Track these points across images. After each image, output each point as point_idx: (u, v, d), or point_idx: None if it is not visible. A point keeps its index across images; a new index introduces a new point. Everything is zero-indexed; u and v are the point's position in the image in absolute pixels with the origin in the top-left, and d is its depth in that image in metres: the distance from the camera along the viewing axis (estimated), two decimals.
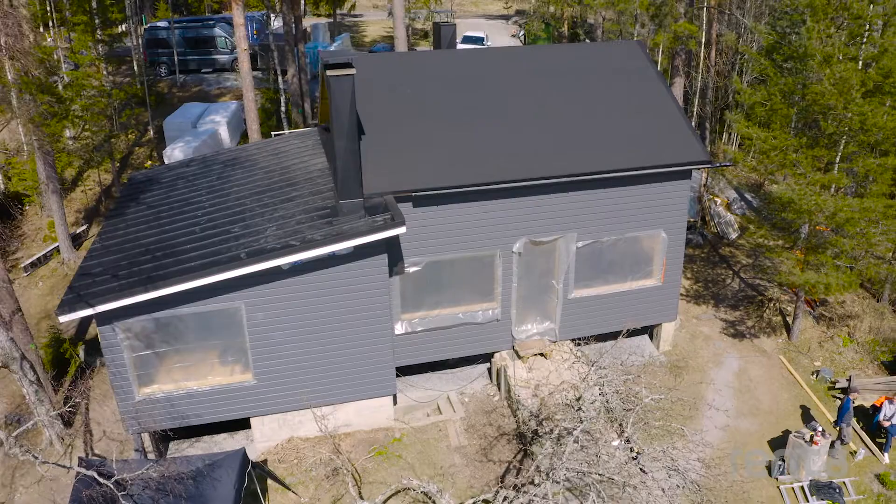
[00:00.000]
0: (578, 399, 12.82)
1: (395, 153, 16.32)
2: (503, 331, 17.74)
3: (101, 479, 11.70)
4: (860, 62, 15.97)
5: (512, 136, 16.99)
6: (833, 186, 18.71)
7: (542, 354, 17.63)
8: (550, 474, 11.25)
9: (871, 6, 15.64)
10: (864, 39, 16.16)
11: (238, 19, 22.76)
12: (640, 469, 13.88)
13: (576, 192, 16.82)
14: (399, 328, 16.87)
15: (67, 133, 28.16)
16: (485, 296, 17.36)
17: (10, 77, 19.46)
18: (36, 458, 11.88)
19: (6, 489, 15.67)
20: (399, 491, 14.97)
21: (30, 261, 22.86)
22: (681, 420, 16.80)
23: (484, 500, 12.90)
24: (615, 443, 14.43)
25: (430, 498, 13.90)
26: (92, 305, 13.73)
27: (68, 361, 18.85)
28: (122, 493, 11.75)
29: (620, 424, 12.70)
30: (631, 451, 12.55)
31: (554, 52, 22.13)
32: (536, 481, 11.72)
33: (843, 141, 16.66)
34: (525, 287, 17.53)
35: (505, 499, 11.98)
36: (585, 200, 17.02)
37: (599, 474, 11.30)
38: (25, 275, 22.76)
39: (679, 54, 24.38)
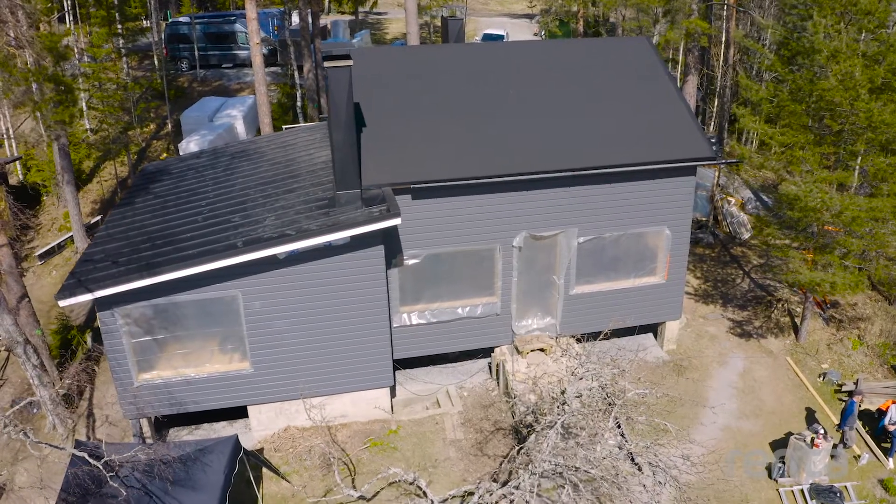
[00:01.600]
0: (563, 392, 12.74)
1: (395, 146, 16.36)
2: (503, 325, 17.69)
3: (90, 460, 11.88)
4: (870, 59, 15.62)
5: (514, 130, 16.93)
6: (853, 186, 18.37)
7: (541, 350, 17.55)
8: (529, 467, 11.19)
9: (881, 1, 15.31)
10: (874, 35, 15.82)
11: (250, 14, 22.98)
12: (635, 465, 13.76)
13: (577, 187, 16.71)
14: (398, 321, 16.91)
15: (86, 124, 28.76)
16: (485, 290, 17.33)
17: (29, 65, 19.85)
18: (27, 436, 12.10)
19: (8, 471, 15.98)
20: (392, 482, 15.00)
21: (44, 249, 23.32)
22: (677, 418, 16.64)
23: (467, 493, 12.87)
24: (612, 441, 14.34)
25: (421, 490, 13.89)
26: (91, 290, 13.97)
27: (76, 348, 19.18)
28: (111, 474, 11.91)
29: (604, 418, 12.58)
30: (620, 448, 12.42)
31: (561, 47, 22.03)
32: (520, 474, 11.68)
33: (851, 139, 16.34)
34: (525, 282, 17.46)
35: (487, 491, 11.94)
36: (587, 195, 16.90)
37: (576, 467, 11.21)
38: (40, 263, 23.23)
39: (692, 51, 24.10)
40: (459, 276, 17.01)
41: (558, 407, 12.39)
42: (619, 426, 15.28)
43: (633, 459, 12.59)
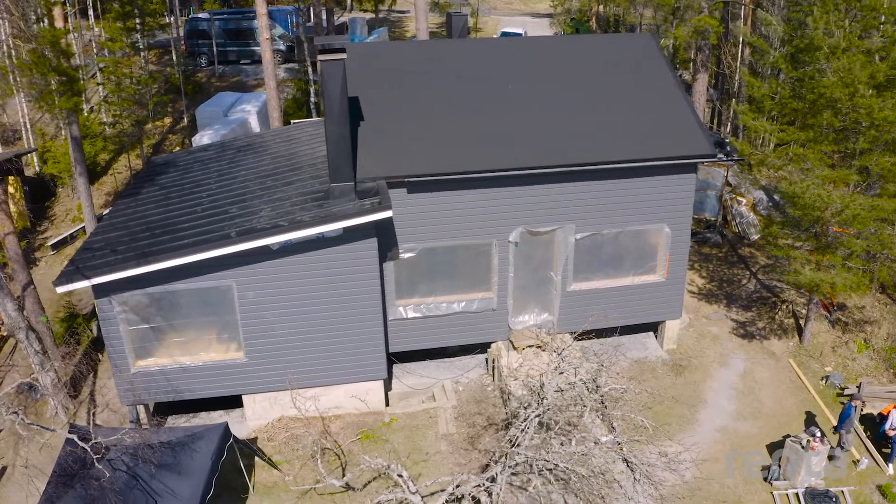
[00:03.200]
0: (542, 387, 12.71)
1: (393, 139, 16.43)
2: (499, 321, 17.67)
3: (78, 442, 12.12)
4: (875, 56, 15.33)
5: (512, 125, 16.91)
6: (862, 185, 18.07)
7: (537, 346, 17.49)
8: (502, 459, 11.18)
9: None
10: (880, 32, 15.54)
11: (260, 9, 23.23)
12: (625, 461, 13.66)
13: (575, 183, 16.65)
14: (394, 314, 16.98)
15: (104, 118, 29.29)
16: (481, 285, 17.33)
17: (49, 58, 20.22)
18: (17, 413, 12.36)
19: (10, 454, 16.33)
20: (382, 474, 15.06)
21: (56, 239, 23.79)
22: (673, 418, 16.53)
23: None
24: (604, 438, 14.26)
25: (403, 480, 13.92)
26: (88, 277, 14.25)
27: (81, 336, 19.52)
28: (98, 456, 12.13)
29: (579, 414, 12.52)
30: (596, 443, 12.33)
31: (566, 43, 21.92)
32: (492, 467, 11.68)
33: (854, 137, 16.06)
34: (522, 277, 17.43)
35: (461, 482, 11.95)
36: (585, 191, 16.83)
37: (546, 460, 11.17)
38: (52, 253, 23.69)
39: (702, 50, 23.85)
40: (455, 271, 17.02)
41: (537, 401, 12.35)
42: (611, 422, 15.25)
43: (620, 453, 12.49)
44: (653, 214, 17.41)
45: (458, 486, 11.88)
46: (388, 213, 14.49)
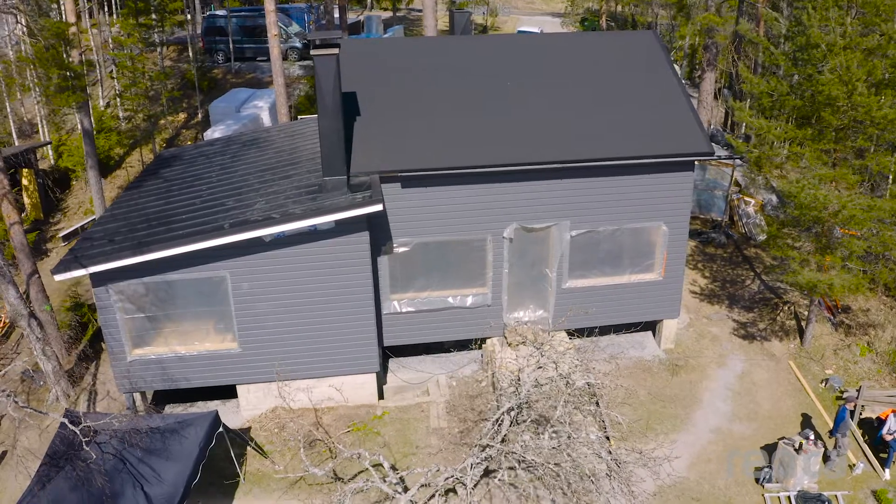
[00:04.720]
0: (518, 380, 12.72)
1: (388, 135, 16.54)
2: (494, 317, 17.69)
3: (68, 424, 12.39)
4: (871, 53, 15.10)
5: (508, 121, 16.93)
6: (864, 186, 17.82)
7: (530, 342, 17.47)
8: (473, 450, 11.23)
9: None
10: (881, 31, 15.30)
11: (268, 6, 23.48)
12: (598, 456, 13.61)
13: (569, 180, 16.62)
14: (388, 308, 17.08)
15: (120, 114, 29.82)
16: (475, 281, 17.36)
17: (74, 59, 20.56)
18: (10, 396, 12.66)
19: (10, 440, 16.71)
20: (374, 466, 15.16)
21: (67, 231, 24.27)
22: (667, 418, 16.45)
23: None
24: (593, 436, 14.24)
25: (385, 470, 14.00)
26: (84, 266, 14.55)
27: (87, 325, 19.91)
28: (87, 439, 12.39)
29: (553, 407, 12.50)
30: (570, 437, 12.30)
31: (567, 41, 21.87)
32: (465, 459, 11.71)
33: (853, 135, 15.84)
34: (517, 274, 17.43)
35: (435, 473, 12.01)
36: (580, 188, 16.79)
37: (514, 452, 11.18)
38: (64, 244, 24.17)
39: (709, 48, 23.65)
40: (450, 266, 17.08)
41: (515, 395, 12.38)
42: (600, 419, 15.21)
43: (594, 449, 12.47)
44: (650, 212, 17.32)
45: (435, 477, 11.95)
46: (378, 207, 14.59)
